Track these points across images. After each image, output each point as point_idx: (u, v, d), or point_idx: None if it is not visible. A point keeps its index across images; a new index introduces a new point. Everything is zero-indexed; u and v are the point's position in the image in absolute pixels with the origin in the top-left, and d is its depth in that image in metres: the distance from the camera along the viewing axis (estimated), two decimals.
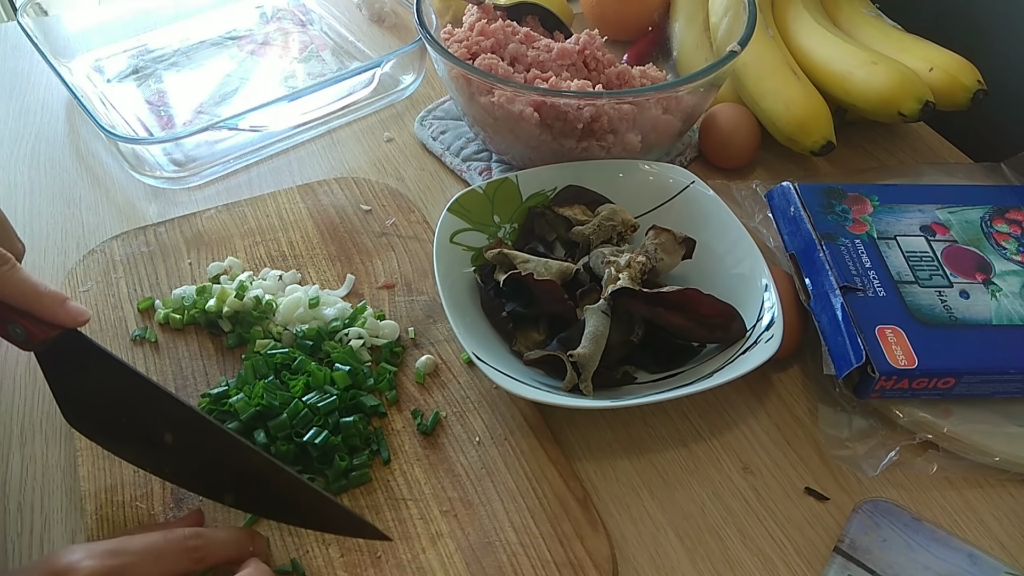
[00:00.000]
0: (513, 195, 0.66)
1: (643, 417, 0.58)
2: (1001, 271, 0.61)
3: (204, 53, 0.92)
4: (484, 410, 0.58)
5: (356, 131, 0.83)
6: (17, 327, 0.47)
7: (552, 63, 0.73)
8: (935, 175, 0.73)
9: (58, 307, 0.48)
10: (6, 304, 0.47)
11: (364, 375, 0.58)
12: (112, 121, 0.82)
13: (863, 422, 0.56)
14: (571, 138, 0.68)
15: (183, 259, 0.67)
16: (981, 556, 0.50)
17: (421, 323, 0.63)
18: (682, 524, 0.53)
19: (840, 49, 0.75)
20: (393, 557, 0.50)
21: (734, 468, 0.56)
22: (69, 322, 0.48)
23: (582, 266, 0.61)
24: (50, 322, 0.48)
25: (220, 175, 0.77)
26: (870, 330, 0.55)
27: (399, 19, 0.94)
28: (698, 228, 0.63)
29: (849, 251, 0.61)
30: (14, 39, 0.92)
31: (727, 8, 0.74)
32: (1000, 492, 0.54)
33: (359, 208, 0.72)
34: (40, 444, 0.56)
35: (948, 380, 0.54)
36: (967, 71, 0.73)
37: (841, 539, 0.51)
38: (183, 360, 0.60)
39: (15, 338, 0.48)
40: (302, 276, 0.66)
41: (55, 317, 0.47)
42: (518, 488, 0.53)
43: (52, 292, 0.48)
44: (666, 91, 0.66)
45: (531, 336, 0.60)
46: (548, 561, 0.49)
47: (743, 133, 0.75)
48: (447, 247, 0.62)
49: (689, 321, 0.57)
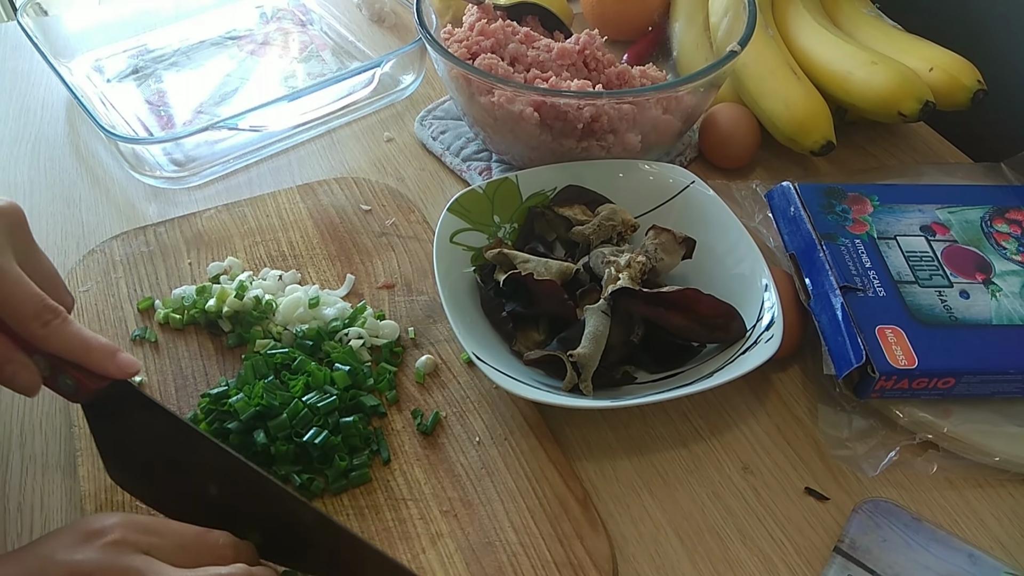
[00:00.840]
0: (513, 195, 0.66)
1: (643, 417, 0.58)
2: (1001, 271, 0.61)
3: (204, 53, 0.92)
4: (484, 410, 0.58)
5: (356, 131, 0.83)
6: (68, 379, 0.48)
7: (552, 63, 0.73)
8: (935, 175, 0.73)
9: (108, 360, 0.48)
10: (57, 356, 0.47)
11: (364, 375, 0.58)
12: (112, 121, 0.82)
13: (863, 422, 0.56)
14: (571, 138, 0.68)
15: (183, 259, 0.67)
16: (981, 556, 0.50)
17: (421, 323, 0.63)
18: (682, 524, 0.53)
19: (840, 49, 0.75)
20: (393, 557, 0.50)
21: (734, 468, 0.56)
22: (119, 374, 0.48)
23: (582, 266, 0.61)
24: (100, 374, 0.48)
25: (220, 175, 0.77)
26: (870, 330, 0.55)
27: (399, 19, 0.94)
28: (698, 228, 0.63)
29: (849, 251, 0.61)
30: (14, 39, 0.92)
31: (727, 8, 0.74)
32: (1000, 492, 0.54)
33: (359, 208, 0.72)
34: (40, 444, 0.57)
35: (948, 380, 0.54)
36: (967, 71, 0.73)
37: (841, 539, 0.51)
38: (183, 360, 0.60)
39: (65, 390, 0.48)
40: (302, 276, 0.66)
41: (105, 370, 0.48)
42: (518, 488, 0.53)
43: (103, 344, 0.48)
44: (666, 91, 0.67)
45: (531, 336, 0.60)
46: (548, 561, 0.49)
47: (743, 133, 0.75)
48: (447, 247, 0.62)
49: (689, 321, 0.57)
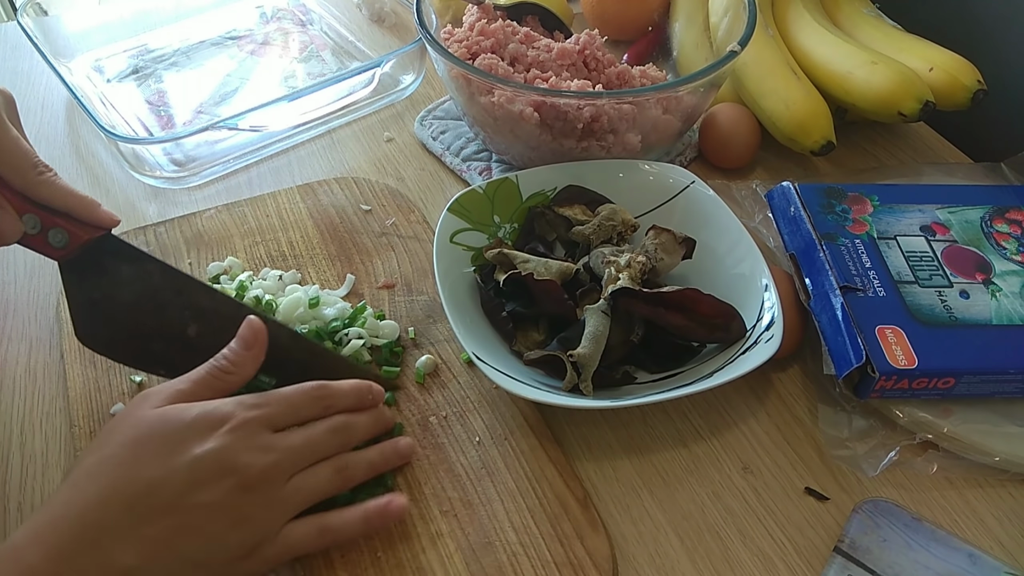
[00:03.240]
0: (513, 195, 0.66)
1: (643, 417, 0.58)
2: (1001, 271, 0.61)
3: (204, 53, 0.92)
4: (484, 410, 0.58)
5: (356, 131, 0.83)
6: (59, 232, 0.52)
7: (552, 63, 0.73)
8: (935, 175, 0.73)
9: (96, 208, 0.53)
10: (48, 209, 0.52)
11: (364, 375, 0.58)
12: (112, 121, 0.82)
13: (863, 422, 0.56)
14: (571, 138, 0.68)
15: (183, 259, 0.67)
16: (981, 556, 0.50)
17: (421, 323, 0.63)
18: (682, 524, 0.53)
19: (840, 49, 0.75)
20: (393, 557, 0.50)
21: (734, 468, 0.56)
22: (107, 222, 0.54)
23: (582, 266, 0.61)
24: (90, 222, 0.53)
25: (220, 175, 0.77)
26: (870, 330, 0.55)
27: (399, 19, 0.94)
28: (698, 228, 0.63)
29: (849, 251, 0.61)
30: (14, 39, 0.92)
31: (727, 8, 0.74)
32: (1000, 492, 0.54)
33: (359, 208, 0.72)
34: (40, 444, 0.56)
35: (948, 380, 0.54)
36: (967, 71, 0.73)
37: (841, 539, 0.51)
38: None
39: (54, 244, 0.52)
40: (302, 276, 0.66)
41: (95, 217, 0.53)
42: (518, 488, 0.53)
43: (91, 199, 0.53)
44: (666, 91, 0.67)
45: (531, 336, 0.60)
46: (548, 561, 0.49)
47: (743, 133, 0.75)
48: (447, 247, 0.62)
49: (689, 321, 0.57)
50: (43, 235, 0.52)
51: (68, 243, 0.52)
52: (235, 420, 0.46)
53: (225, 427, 0.46)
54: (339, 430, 0.50)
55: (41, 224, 0.52)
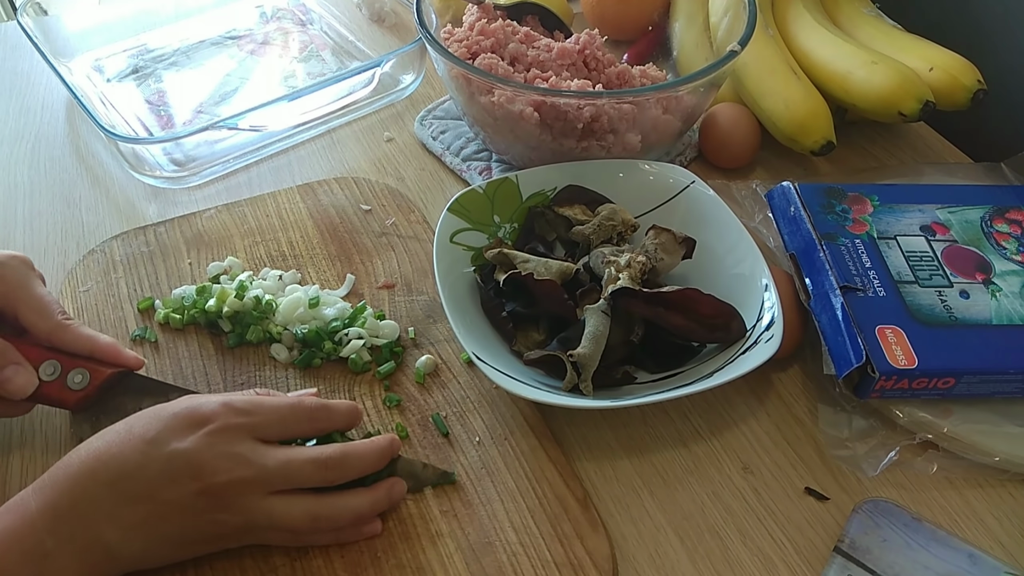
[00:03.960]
0: (513, 195, 0.66)
1: (643, 417, 0.58)
2: (1001, 271, 0.61)
3: (204, 53, 0.92)
4: (484, 410, 0.58)
5: (356, 131, 0.83)
6: (80, 372, 0.53)
7: (552, 63, 0.73)
8: (935, 175, 0.73)
9: (120, 351, 0.54)
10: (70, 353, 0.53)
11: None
12: (112, 121, 0.82)
13: (863, 422, 0.56)
14: (571, 138, 0.68)
15: (183, 259, 0.67)
16: (981, 556, 0.50)
17: (421, 323, 0.63)
18: (682, 524, 0.53)
19: (840, 49, 0.75)
20: (393, 557, 0.50)
21: (734, 468, 0.56)
22: (133, 363, 0.55)
23: (582, 266, 0.61)
24: (115, 364, 0.54)
25: (220, 175, 0.77)
26: (870, 330, 0.55)
27: (399, 19, 0.94)
28: (698, 228, 0.63)
29: (849, 251, 0.61)
30: (14, 39, 0.92)
31: (727, 8, 0.74)
32: (1000, 492, 0.54)
33: (359, 208, 0.72)
34: (40, 444, 0.56)
35: (948, 380, 0.54)
36: (967, 71, 0.73)
37: (841, 539, 0.51)
38: (183, 360, 0.60)
39: (73, 386, 0.53)
40: (302, 276, 0.66)
41: (120, 359, 0.54)
42: (518, 488, 0.53)
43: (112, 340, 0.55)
44: (666, 91, 0.66)
45: (531, 336, 0.60)
46: (548, 561, 0.49)
47: (743, 133, 0.75)
48: (447, 247, 0.62)
49: (689, 321, 0.57)
50: (61, 379, 0.52)
51: (88, 383, 0.53)
52: (217, 423, 0.46)
53: (205, 428, 0.46)
54: (328, 466, 0.48)
55: (61, 369, 0.52)
